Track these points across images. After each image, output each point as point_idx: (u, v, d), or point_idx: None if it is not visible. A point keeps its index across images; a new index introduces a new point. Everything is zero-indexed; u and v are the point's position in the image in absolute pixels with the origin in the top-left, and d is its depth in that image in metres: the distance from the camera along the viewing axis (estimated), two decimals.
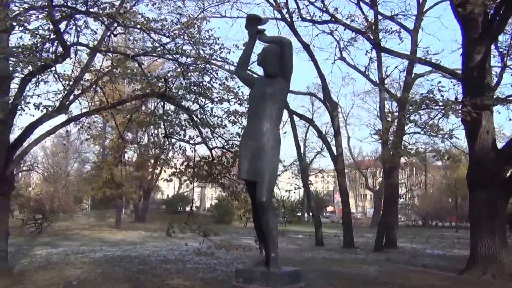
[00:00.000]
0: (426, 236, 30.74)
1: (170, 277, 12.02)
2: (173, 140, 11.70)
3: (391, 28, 17.45)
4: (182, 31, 11.12)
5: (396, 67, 45.80)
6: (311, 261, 15.98)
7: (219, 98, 10.75)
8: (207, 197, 67.11)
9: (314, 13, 19.85)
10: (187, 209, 50.50)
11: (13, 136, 12.81)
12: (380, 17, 19.02)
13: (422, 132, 13.46)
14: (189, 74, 10.95)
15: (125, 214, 47.74)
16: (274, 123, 5.59)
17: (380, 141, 25.54)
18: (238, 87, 11.34)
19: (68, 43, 10.36)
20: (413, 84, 22.91)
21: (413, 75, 21.14)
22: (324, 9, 17.38)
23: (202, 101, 10.99)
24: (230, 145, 11.16)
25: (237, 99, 11.14)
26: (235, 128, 12.05)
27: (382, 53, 19.76)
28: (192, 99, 10.98)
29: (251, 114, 6.11)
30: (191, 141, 11.08)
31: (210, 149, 11.01)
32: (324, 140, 24.79)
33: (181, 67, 10.92)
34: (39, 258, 15.97)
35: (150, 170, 42.83)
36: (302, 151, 43.34)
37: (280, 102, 5.76)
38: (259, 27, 6.00)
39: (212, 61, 11.67)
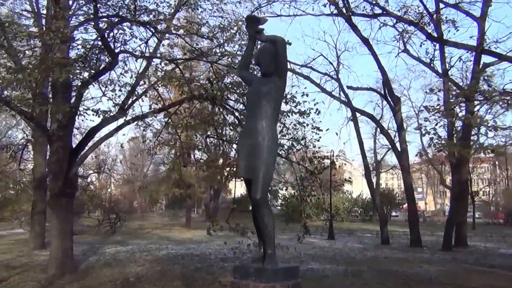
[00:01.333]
0: (503, 235, 29.02)
1: (224, 275, 12.24)
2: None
3: (446, 17, 16.58)
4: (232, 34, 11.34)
5: (460, 57, 43.48)
6: (372, 260, 15.70)
7: None
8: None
9: (364, 7, 19.40)
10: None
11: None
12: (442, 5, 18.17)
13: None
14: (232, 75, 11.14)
15: (197, 214, 49.06)
16: (270, 121, 5.61)
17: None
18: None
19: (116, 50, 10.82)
20: (482, 73, 21.64)
21: (481, 64, 20.00)
22: (374, 2, 16.90)
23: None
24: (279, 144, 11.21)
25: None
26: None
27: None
28: (235, 99, 11.08)
29: (248, 112, 6.20)
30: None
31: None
32: (387, 136, 24.11)
33: (226, 68, 11.11)
34: (107, 255, 16.80)
35: (218, 170, 43.49)
36: (372, 147, 42.56)
37: (275, 101, 5.74)
38: (260, 26, 6.04)
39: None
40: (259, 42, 6.39)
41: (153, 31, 11.10)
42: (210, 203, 44.88)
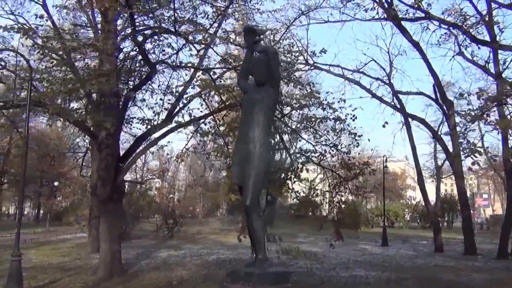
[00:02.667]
0: None
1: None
2: None
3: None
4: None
5: None
6: (420, 268, 15.25)
7: (298, 104, 10.79)
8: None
9: (407, 10, 18.86)
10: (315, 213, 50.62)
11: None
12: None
13: None
14: None
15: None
16: (262, 129, 5.64)
17: None
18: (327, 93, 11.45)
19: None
20: None
21: None
22: (416, 6, 16.39)
23: (280, 108, 11.06)
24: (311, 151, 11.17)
25: (319, 104, 11.09)
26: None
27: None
28: None
29: (241, 120, 6.28)
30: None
31: (290, 155, 11.10)
32: (440, 141, 23.20)
33: None
34: (158, 259, 17.26)
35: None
36: (433, 151, 41.07)
37: (268, 109, 5.79)
38: (261, 36, 6.15)
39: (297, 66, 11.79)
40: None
41: (192, 42, 11.40)
42: (266, 209, 44.87)
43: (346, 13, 20.62)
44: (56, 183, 45.38)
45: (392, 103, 23.35)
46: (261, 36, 6.28)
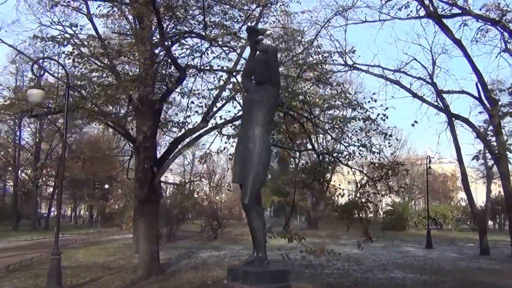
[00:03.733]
0: None
1: (299, 281, 12.33)
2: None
3: None
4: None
5: None
6: (462, 270, 14.83)
7: (327, 104, 10.77)
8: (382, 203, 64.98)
9: (442, 7, 18.29)
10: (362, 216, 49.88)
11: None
12: None
13: None
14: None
15: (299, 221, 49.21)
16: (262, 128, 5.64)
17: None
18: (356, 93, 11.40)
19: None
20: None
21: None
22: (452, 1, 15.88)
23: (309, 109, 11.06)
24: (338, 151, 11.10)
25: (349, 104, 11.04)
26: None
27: None
28: (299, 107, 11.16)
29: (242, 120, 6.29)
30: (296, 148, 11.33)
31: (319, 155, 11.07)
32: (484, 141, 22.30)
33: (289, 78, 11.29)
34: (198, 260, 17.60)
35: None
36: (482, 151, 39.53)
37: (267, 108, 5.76)
38: (261, 37, 6.16)
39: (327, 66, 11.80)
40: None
41: (223, 45, 11.63)
42: (311, 210, 44.80)
43: (384, 13, 20.27)
44: (106, 186, 47.00)
45: (436, 103, 22.70)
46: (262, 36, 6.30)
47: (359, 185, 12.56)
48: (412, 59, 23.05)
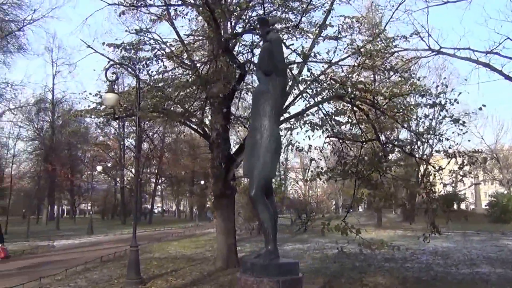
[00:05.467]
0: None
1: (372, 275, 12.14)
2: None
3: None
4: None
5: None
6: None
7: (390, 92, 10.40)
8: (485, 195, 60.67)
9: None
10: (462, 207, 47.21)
11: None
12: None
13: None
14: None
15: (395, 214, 47.74)
16: (269, 119, 5.53)
17: None
18: (419, 78, 10.92)
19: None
20: None
21: None
22: None
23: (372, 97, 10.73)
24: (402, 141, 10.67)
25: (417, 91, 10.60)
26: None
27: None
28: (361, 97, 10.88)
29: (251, 112, 6.19)
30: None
31: (383, 145, 10.69)
32: None
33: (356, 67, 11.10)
34: (280, 252, 17.80)
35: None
36: None
37: (274, 99, 5.61)
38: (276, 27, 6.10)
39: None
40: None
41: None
42: (406, 203, 43.11)
43: None
44: (202, 182, 49.09)
45: None
46: (273, 26, 6.21)
47: (422, 176, 12.00)
48: (506, 38, 21.41)
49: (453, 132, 10.66)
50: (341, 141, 11.52)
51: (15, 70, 78.81)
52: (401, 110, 10.44)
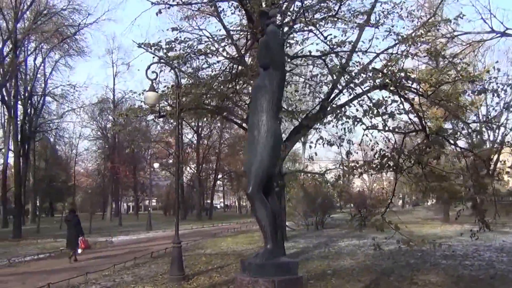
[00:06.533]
0: None
1: (425, 273, 11.44)
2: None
3: None
4: None
5: None
6: None
7: (434, 80, 9.67)
8: None
9: None
10: None
11: None
12: None
13: None
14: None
15: (465, 207, 45.47)
16: (266, 114, 5.22)
17: None
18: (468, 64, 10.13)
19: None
20: None
21: None
22: None
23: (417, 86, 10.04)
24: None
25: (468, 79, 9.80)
26: None
27: None
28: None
29: (250, 107, 5.90)
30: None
31: (428, 135, 9.93)
32: None
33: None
34: (334, 248, 17.45)
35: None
36: None
37: (271, 93, 5.28)
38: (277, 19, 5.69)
39: None
40: None
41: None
42: (476, 196, 40.99)
43: None
44: None
45: None
46: (274, 19, 5.88)
47: (468, 168, 11.11)
48: None
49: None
50: (382, 132, 10.91)
51: (78, 73, 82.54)
52: (443, 97, 9.68)
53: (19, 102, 34.32)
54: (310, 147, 12.83)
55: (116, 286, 10.43)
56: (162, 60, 11.90)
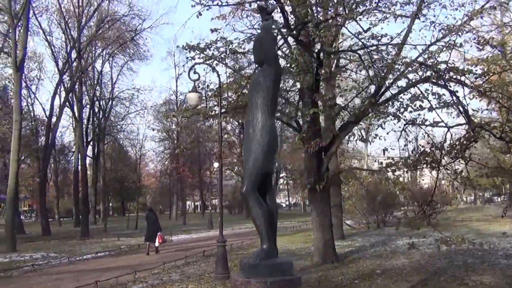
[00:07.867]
0: None
1: (479, 273, 10.91)
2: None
3: None
4: None
5: None
6: None
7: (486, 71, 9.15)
8: None
9: None
10: None
11: None
12: None
13: None
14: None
15: None
16: (261, 111, 5.10)
17: None
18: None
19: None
20: None
21: None
22: None
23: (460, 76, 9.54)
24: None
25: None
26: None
27: None
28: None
29: (247, 104, 5.73)
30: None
31: (473, 129, 9.34)
32: None
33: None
34: (390, 247, 17.01)
35: None
36: None
37: (265, 90, 5.15)
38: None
39: None
40: None
41: None
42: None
43: None
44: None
45: None
46: (271, 14, 5.77)
47: None
48: None
49: None
50: (420, 127, 10.48)
51: (143, 76, 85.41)
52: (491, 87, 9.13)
53: (87, 106, 36.20)
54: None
55: (162, 284, 10.73)
56: (200, 62, 12.09)
